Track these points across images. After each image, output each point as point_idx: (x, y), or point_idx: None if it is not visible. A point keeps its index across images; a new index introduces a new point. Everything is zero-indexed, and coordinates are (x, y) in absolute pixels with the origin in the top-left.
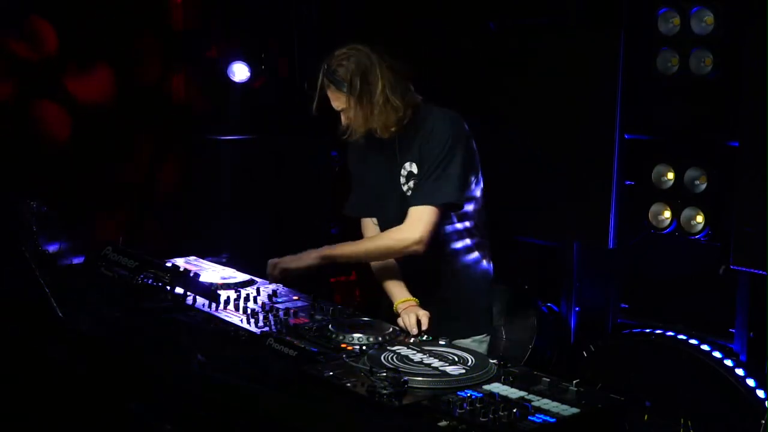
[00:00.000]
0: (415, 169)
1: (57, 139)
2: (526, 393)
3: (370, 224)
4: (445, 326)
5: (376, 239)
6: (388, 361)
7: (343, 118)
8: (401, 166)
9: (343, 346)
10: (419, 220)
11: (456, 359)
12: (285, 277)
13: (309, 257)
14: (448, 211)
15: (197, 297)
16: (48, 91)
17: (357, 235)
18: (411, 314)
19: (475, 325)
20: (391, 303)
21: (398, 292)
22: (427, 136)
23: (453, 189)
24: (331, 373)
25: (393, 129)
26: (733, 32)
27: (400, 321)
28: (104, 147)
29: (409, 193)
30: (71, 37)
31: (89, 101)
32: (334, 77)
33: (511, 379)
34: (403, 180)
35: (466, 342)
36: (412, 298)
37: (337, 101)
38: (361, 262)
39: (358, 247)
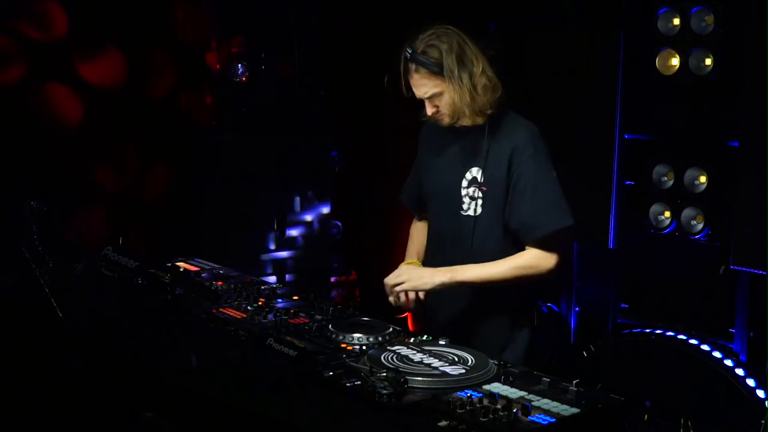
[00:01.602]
0: (480, 176)
1: (67, 123)
2: (526, 393)
3: (417, 225)
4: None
5: (506, 263)
6: (388, 361)
7: (428, 107)
8: (467, 169)
9: (343, 346)
10: (552, 247)
11: (456, 359)
12: (416, 307)
13: (433, 280)
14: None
15: (197, 297)
16: (58, 75)
17: (359, 234)
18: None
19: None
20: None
21: (409, 254)
22: (513, 148)
23: (569, 210)
24: (331, 373)
25: (489, 112)
26: (733, 32)
27: (391, 300)
28: (103, 144)
29: (467, 201)
30: (81, 20)
31: (98, 85)
32: (425, 59)
33: (511, 379)
34: (465, 183)
35: None
36: (416, 261)
37: (426, 87)
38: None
39: (488, 270)
